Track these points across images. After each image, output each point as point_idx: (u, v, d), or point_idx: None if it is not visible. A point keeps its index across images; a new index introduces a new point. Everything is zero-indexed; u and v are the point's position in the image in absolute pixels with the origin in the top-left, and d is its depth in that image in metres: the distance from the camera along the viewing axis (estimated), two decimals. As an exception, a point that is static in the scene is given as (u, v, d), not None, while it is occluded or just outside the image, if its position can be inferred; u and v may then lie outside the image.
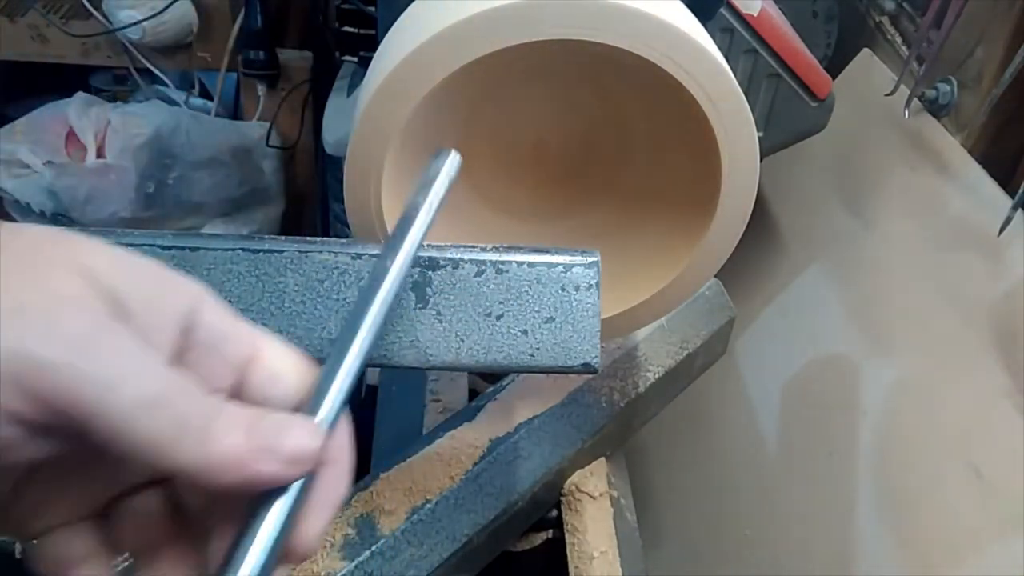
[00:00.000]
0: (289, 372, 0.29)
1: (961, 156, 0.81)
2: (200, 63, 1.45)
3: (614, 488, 0.63)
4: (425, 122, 0.45)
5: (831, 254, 0.95)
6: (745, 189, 0.46)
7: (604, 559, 0.59)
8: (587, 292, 0.41)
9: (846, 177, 0.98)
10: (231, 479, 0.25)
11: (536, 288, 0.41)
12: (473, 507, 0.55)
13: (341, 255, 0.40)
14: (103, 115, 1.35)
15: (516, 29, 0.40)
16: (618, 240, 0.53)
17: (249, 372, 0.28)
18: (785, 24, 0.88)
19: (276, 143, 1.45)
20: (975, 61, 0.82)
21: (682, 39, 0.41)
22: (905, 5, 1.00)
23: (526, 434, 0.58)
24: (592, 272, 0.41)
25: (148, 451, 0.24)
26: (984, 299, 0.72)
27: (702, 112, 0.43)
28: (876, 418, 0.78)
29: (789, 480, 0.85)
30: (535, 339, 0.41)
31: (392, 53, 0.42)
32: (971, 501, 0.65)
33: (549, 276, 0.41)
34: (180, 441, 0.24)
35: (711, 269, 0.50)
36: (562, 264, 0.41)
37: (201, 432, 0.25)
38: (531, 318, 0.41)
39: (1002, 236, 0.70)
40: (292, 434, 0.26)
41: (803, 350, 0.91)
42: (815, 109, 0.90)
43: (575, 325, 0.41)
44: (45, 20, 1.37)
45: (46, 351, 0.23)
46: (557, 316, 0.41)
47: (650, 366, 0.64)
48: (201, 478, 0.25)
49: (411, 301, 0.40)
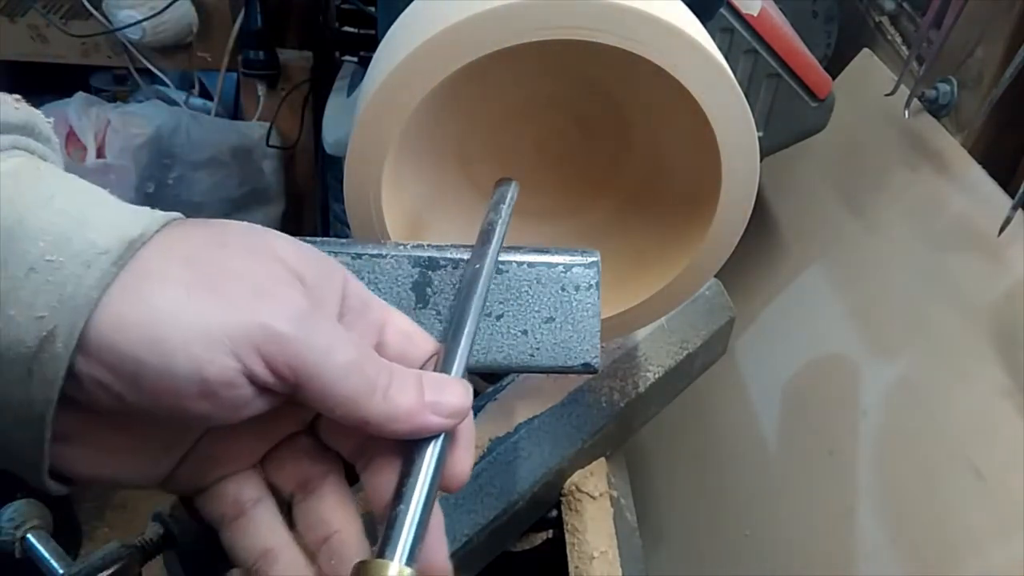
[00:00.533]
0: (417, 333, 0.34)
1: (961, 156, 0.81)
2: (200, 63, 1.45)
3: (614, 488, 0.63)
4: (425, 122, 0.45)
5: (831, 254, 0.95)
6: (745, 189, 0.46)
7: (604, 559, 0.59)
8: (587, 292, 0.41)
9: (846, 177, 0.98)
10: (405, 428, 0.31)
11: (536, 288, 0.41)
12: (473, 507, 0.55)
13: (341, 255, 0.40)
14: (103, 115, 1.35)
15: (516, 29, 0.40)
16: (618, 240, 0.53)
17: (385, 333, 0.33)
18: (785, 24, 0.88)
19: (276, 143, 1.45)
20: (975, 61, 0.82)
21: (682, 39, 0.41)
22: (905, 5, 1.00)
23: (526, 434, 0.58)
24: (592, 272, 0.41)
25: (347, 406, 0.30)
26: (984, 299, 0.72)
27: (702, 112, 0.43)
28: (876, 418, 0.78)
29: (789, 480, 0.85)
30: (535, 339, 0.41)
31: (392, 53, 0.42)
32: (971, 501, 0.65)
33: (549, 276, 0.41)
34: (370, 398, 0.30)
35: (711, 269, 0.50)
36: (562, 264, 0.41)
37: (385, 390, 0.30)
38: (531, 318, 0.41)
39: (1002, 236, 0.70)
40: (453, 392, 0.32)
41: (803, 350, 0.91)
42: (815, 109, 0.90)
43: (575, 325, 0.41)
44: (45, 20, 1.37)
45: (280, 325, 0.28)
46: (557, 316, 0.41)
47: (650, 366, 0.64)
48: (382, 428, 0.30)
49: (411, 301, 0.40)
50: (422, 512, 0.30)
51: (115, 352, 0.27)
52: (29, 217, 0.27)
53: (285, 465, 0.34)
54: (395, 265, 0.40)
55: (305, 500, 0.34)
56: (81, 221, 0.27)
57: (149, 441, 0.31)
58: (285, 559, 0.33)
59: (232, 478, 0.34)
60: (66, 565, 0.58)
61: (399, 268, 0.40)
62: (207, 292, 0.28)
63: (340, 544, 0.33)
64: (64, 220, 0.27)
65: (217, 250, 0.29)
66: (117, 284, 0.27)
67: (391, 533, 0.30)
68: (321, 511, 0.34)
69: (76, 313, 0.26)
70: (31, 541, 0.60)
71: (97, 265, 0.26)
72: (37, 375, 0.26)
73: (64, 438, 0.29)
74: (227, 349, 0.28)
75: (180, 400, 0.28)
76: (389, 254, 0.40)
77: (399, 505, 0.30)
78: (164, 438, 0.32)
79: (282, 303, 0.29)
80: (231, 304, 0.28)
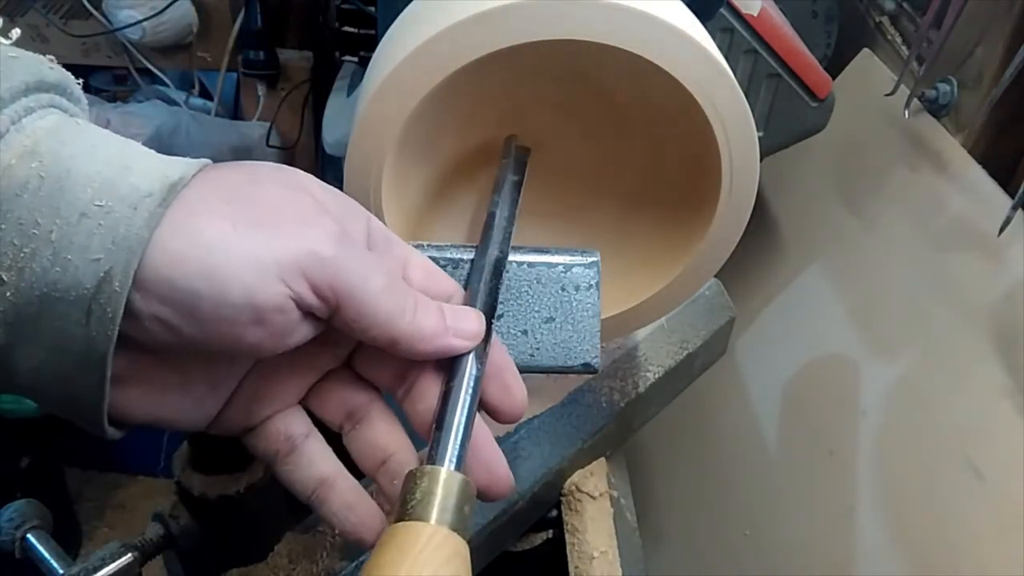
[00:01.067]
0: (438, 272, 0.37)
1: (961, 156, 0.81)
2: (200, 63, 1.45)
3: (614, 488, 0.63)
4: (425, 122, 0.45)
5: (831, 254, 0.95)
6: (745, 189, 0.46)
7: (604, 559, 0.59)
8: (587, 292, 0.41)
9: (846, 177, 0.98)
10: (430, 348, 0.33)
11: (536, 288, 0.41)
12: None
13: (341, 255, 0.40)
14: (103, 115, 1.35)
15: (516, 29, 0.40)
16: (618, 240, 0.53)
17: (408, 269, 0.36)
18: (785, 24, 0.88)
19: (276, 143, 1.45)
20: (975, 61, 0.82)
21: (682, 39, 0.41)
22: (905, 5, 1.00)
23: (526, 434, 0.58)
24: (592, 272, 0.41)
25: (380, 327, 0.32)
26: (984, 299, 0.72)
27: (702, 112, 0.43)
28: (876, 418, 0.78)
29: (789, 480, 0.85)
30: (535, 339, 0.41)
31: (392, 53, 0.42)
32: (971, 501, 0.65)
33: (549, 276, 0.41)
34: (401, 317, 0.32)
35: (711, 269, 0.50)
36: (562, 264, 0.41)
37: (412, 313, 0.33)
38: (531, 318, 0.41)
39: (1002, 236, 0.70)
40: (469, 318, 0.35)
41: (803, 350, 0.91)
42: (815, 109, 0.90)
43: (575, 325, 0.41)
44: (45, 20, 1.37)
45: (324, 249, 0.30)
46: (557, 316, 0.41)
47: (650, 366, 0.64)
48: (411, 346, 0.33)
49: (411, 301, 0.40)
50: (466, 423, 0.33)
51: (171, 286, 0.28)
52: (75, 167, 0.28)
53: (330, 399, 0.36)
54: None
55: (355, 429, 0.36)
56: (124, 168, 0.29)
57: (197, 379, 0.33)
58: (342, 485, 0.35)
59: (280, 415, 0.36)
60: (66, 565, 0.58)
61: (399, 268, 0.40)
62: (252, 224, 0.29)
63: (399, 464, 0.35)
64: (108, 168, 0.28)
65: (253, 186, 0.31)
66: (166, 223, 0.28)
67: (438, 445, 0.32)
68: (373, 437, 0.36)
69: (130, 252, 0.27)
70: (31, 541, 0.60)
71: (144, 207, 0.28)
72: (96, 315, 0.28)
73: (119, 379, 0.30)
74: (275, 275, 0.29)
75: (235, 328, 0.29)
76: (389, 254, 0.40)
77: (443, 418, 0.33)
78: (212, 376, 0.33)
79: (322, 229, 0.31)
80: (275, 233, 0.30)
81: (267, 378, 0.35)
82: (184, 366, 0.32)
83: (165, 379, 0.32)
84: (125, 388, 0.31)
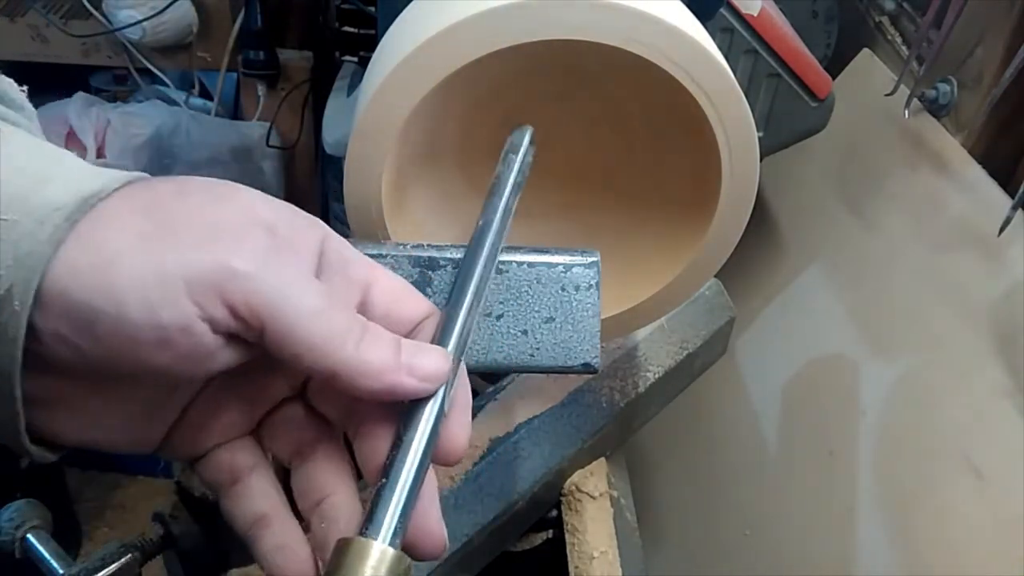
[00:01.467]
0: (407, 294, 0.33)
1: (961, 156, 0.81)
2: (200, 63, 1.45)
3: (614, 488, 0.63)
4: (425, 122, 0.45)
5: (831, 254, 0.95)
6: (745, 189, 0.46)
7: (604, 559, 0.59)
8: (587, 292, 0.41)
9: (846, 177, 0.98)
10: (376, 386, 0.29)
11: (536, 288, 0.41)
12: (473, 507, 0.55)
13: (341, 255, 0.40)
14: (103, 115, 1.35)
15: (516, 29, 0.40)
16: (618, 240, 0.53)
17: (371, 293, 0.32)
18: (785, 24, 0.88)
19: (276, 143, 1.45)
20: (975, 61, 0.82)
21: (682, 39, 0.41)
22: (905, 5, 1.00)
23: (526, 434, 0.58)
24: (592, 272, 0.41)
25: (312, 353, 0.28)
26: (984, 299, 0.72)
27: (702, 112, 0.43)
28: (876, 418, 0.78)
29: (789, 480, 0.85)
30: (535, 339, 0.41)
31: (392, 53, 0.42)
32: (971, 501, 0.65)
33: (549, 276, 0.41)
34: (342, 346, 0.29)
35: (711, 269, 0.50)
36: (562, 264, 0.41)
37: (355, 342, 0.29)
38: (531, 318, 0.41)
39: (1002, 236, 0.70)
40: (430, 356, 0.31)
41: (803, 350, 0.91)
42: (815, 109, 0.89)
43: (575, 325, 0.41)
44: (45, 20, 1.37)
45: (239, 263, 0.27)
46: (557, 316, 0.41)
47: (650, 366, 0.64)
48: (352, 382, 0.29)
49: (411, 301, 0.40)
50: (411, 488, 0.29)
51: (69, 300, 0.26)
52: None
53: (279, 432, 0.34)
54: (395, 265, 0.40)
55: (301, 466, 0.34)
56: (42, 180, 0.27)
57: (128, 404, 0.31)
58: (277, 525, 0.33)
59: (226, 446, 0.33)
60: (66, 565, 0.58)
61: (399, 268, 0.40)
62: (163, 236, 0.27)
63: (330, 508, 0.32)
64: (22, 179, 0.27)
65: (178, 198, 0.29)
66: (73, 237, 0.26)
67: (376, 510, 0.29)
68: (314, 475, 0.33)
69: (30, 270, 0.26)
70: (31, 541, 0.60)
71: (51, 221, 0.26)
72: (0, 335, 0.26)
73: (43, 403, 0.28)
74: (183, 291, 0.27)
75: (138, 349, 0.27)
76: (389, 254, 0.40)
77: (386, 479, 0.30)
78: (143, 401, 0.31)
79: (248, 243, 0.28)
80: (188, 246, 0.27)
81: (214, 406, 0.33)
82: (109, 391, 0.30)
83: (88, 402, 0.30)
84: (50, 410, 0.29)
